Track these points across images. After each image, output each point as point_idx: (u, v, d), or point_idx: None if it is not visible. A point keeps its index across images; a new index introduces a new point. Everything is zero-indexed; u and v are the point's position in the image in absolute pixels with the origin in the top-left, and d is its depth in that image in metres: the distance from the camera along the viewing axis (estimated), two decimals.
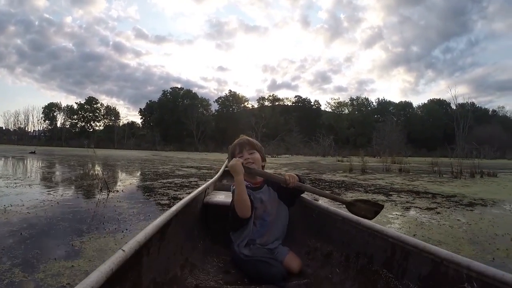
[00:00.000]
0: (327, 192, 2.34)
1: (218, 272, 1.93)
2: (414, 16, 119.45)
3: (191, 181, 7.51)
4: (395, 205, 5.13)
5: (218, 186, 3.78)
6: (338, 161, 24.15)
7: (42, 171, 9.65)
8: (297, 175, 2.16)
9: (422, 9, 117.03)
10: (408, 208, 4.89)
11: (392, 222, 3.97)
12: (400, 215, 4.37)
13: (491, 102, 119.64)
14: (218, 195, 2.86)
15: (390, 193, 6.47)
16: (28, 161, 14.80)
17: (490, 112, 77.54)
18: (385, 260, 1.54)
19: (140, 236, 1.30)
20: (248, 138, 2.30)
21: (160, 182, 7.27)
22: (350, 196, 5.89)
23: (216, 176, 4.08)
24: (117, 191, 5.76)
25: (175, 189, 6.20)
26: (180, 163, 16.24)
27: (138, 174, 9.54)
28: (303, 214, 2.29)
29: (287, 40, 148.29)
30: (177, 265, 1.74)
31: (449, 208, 4.98)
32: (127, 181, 7.45)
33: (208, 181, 3.40)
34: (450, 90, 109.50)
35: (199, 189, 2.59)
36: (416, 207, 5.00)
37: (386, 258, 1.53)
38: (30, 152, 22.85)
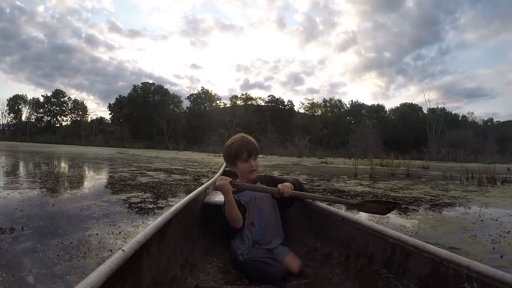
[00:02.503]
0: (330, 196, 2.66)
1: (218, 272, 1.92)
2: (388, 23, 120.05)
3: (158, 201, 4.69)
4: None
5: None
6: (323, 163, 22.51)
7: None
8: (293, 183, 2.22)
9: (396, 16, 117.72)
10: None
11: None
12: None
13: (458, 108, 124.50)
14: (218, 195, 2.77)
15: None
16: None
17: (460, 118, 77.87)
18: (385, 260, 1.54)
19: (140, 236, 1.30)
20: (252, 140, 2.22)
21: (103, 201, 4.57)
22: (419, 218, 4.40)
23: (216, 176, 4.07)
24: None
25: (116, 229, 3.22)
26: (147, 163, 13.50)
27: (77, 184, 6.42)
28: (303, 214, 2.29)
29: (262, 40, 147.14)
30: (177, 265, 1.73)
31: None
32: (46, 204, 4.29)
33: (208, 181, 3.37)
34: (424, 94, 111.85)
35: (199, 189, 2.59)
36: None
37: (386, 258, 1.54)
38: None
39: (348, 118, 76.77)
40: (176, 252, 1.77)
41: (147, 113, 69.29)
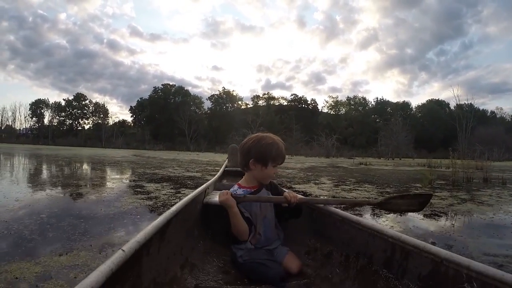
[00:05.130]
0: (343, 198, 2.60)
1: (218, 272, 1.90)
2: (409, 18, 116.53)
3: None
4: None
5: (218, 186, 3.65)
6: (361, 164, 19.89)
7: None
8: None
9: (417, 11, 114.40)
10: None
11: None
12: None
13: (483, 104, 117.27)
14: (218, 195, 2.23)
15: None
16: None
17: (488, 114, 73.98)
18: (385, 260, 1.53)
19: (140, 236, 1.28)
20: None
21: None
22: None
23: (216, 176, 4.06)
24: None
25: None
26: (157, 169, 10.75)
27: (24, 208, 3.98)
28: (303, 214, 2.19)
29: (282, 41, 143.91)
30: (177, 265, 1.71)
31: None
32: None
33: (208, 181, 3.27)
34: (452, 89, 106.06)
35: (199, 189, 2.55)
36: None
37: (386, 258, 1.53)
38: None
39: (373, 116, 74.17)
40: (176, 252, 1.74)
41: (168, 114, 68.33)
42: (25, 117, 74.54)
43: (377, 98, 77.79)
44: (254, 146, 2.01)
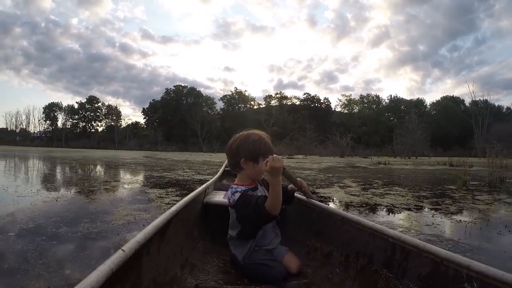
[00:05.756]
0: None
1: (218, 272, 1.89)
2: (421, 14, 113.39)
3: None
4: None
5: (218, 186, 3.58)
6: (379, 164, 19.27)
7: None
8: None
9: (428, 7, 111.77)
10: None
11: None
12: None
13: (498, 100, 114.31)
14: (218, 195, 2.77)
15: None
16: None
17: (504, 110, 71.76)
18: (385, 260, 1.52)
19: (140, 236, 1.27)
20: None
21: None
22: None
23: (216, 176, 3.99)
24: None
25: None
26: (166, 171, 10.08)
27: None
28: (303, 214, 2.26)
29: (293, 40, 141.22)
30: (177, 265, 1.70)
31: None
32: None
33: (208, 181, 3.23)
34: (467, 85, 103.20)
35: (199, 189, 2.53)
36: None
37: (386, 258, 1.51)
38: None
39: (386, 114, 73.34)
40: (176, 252, 1.73)
41: (180, 115, 68.41)
42: (39, 120, 75.54)
43: (390, 95, 76.82)
44: (242, 145, 2.00)
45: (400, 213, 4.29)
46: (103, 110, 76.91)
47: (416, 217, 3.99)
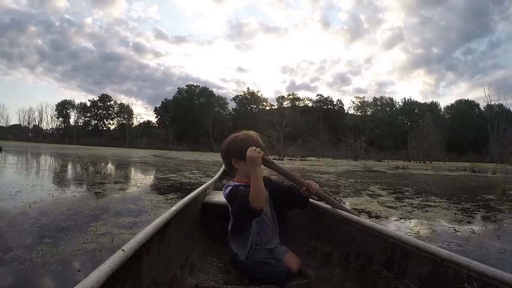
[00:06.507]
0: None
1: (218, 272, 1.87)
2: (435, 17, 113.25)
3: None
4: None
5: (218, 186, 3.43)
6: (398, 168, 18.68)
7: None
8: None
9: (443, 9, 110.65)
10: None
11: None
12: None
13: None
14: (218, 195, 2.72)
15: None
16: None
17: None
18: (385, 260, 1.51)
19: (140, 236, 1.26)
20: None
21: None
22: None
23: (216, 176, 3.92)
24: None
25: None
26: (172, 172, 9.46)
27: None
28: (303, 214, 2.20)
29: (306, 41, 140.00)
30: (177, 265, 1.69)
31: None
32: None
33: (208, 181, 3.18)
34: (483, 89, 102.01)
35: (199, 189, 2.50)
36: None
37: (386, 258, 1.50)
38: None
39: (400, 117, 72.72)
40: (176, 252, 1.72)
41: (192, 115, 68.47)
42: (51, 117, 76.43)
43: (404, 98, 75.83)
44: (230, 145, 2.03)
45: (465, 236, 3.47)
46: (115, 109, 77.42)
47: (488, 244, 3.26)
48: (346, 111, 76.86)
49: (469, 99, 73.52)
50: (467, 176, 13.28)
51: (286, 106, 76.58)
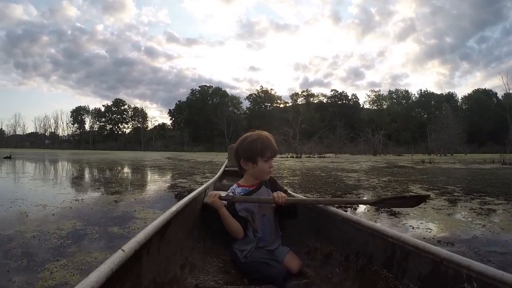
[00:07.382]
0: (336, 198, 2.68)
1: (218, 272, 1.87)
2: (446, 5, 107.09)
3: None
4: None
5: (218, 186, 3.64)
6: (423, 162, 18.10)
7: None
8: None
9: None
10: None
11: None
12: None
13: None
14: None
15: None
16: None
17: None
18: (385, 260, 1.50)
19: (140, 236, 1.26)
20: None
21: None
22: None
23: (216, 176, 4.00)
24: None
25: None
26: (182, 177, 8.88)
27: None
28: (303, 214, 2.17)
29: (318, 37, 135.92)
30: (177, 265, 1.69)
31: None
32: None
33: (208, 181, 3.23)
34: (501, 77, 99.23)
35: (199, 189, 2.53)
36: None
37: (386, 258, 1.50)
38: (4, 157, 18.42)
39: (417, 109, 71.45)
40: (176, 252, 1.73)
41: (206, 116, 68.46)
42: (67, 123, 77.38)
43: (420, 90, 74.62)
44: (240, 146, 2.01)
45: None
46: (130, 112, 77.91)
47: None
48: (361, 106, 75.98)
49: (486, 88, 72.01)
50: (502, 169, 12.58)
51: (300, 103, 76.00)
